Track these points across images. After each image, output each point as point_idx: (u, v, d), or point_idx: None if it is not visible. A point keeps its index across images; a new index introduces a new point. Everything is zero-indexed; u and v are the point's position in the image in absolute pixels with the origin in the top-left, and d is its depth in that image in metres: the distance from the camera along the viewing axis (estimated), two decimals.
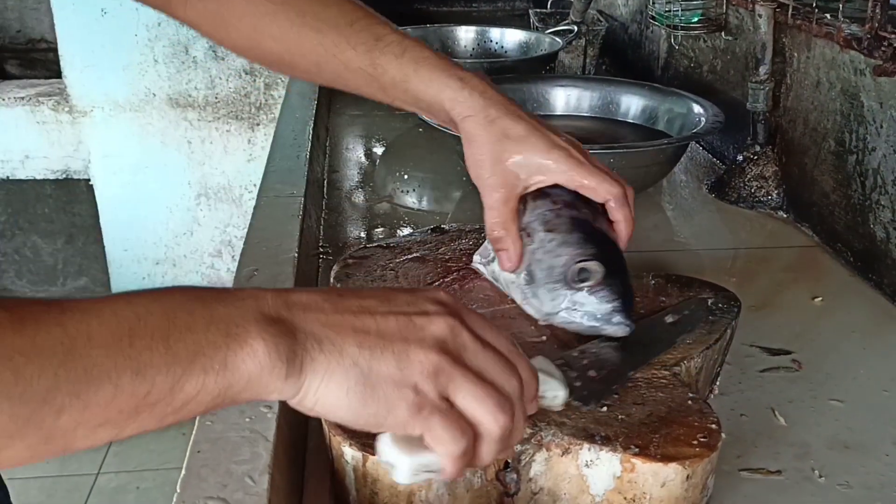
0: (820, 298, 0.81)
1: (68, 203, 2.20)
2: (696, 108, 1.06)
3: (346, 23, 0.64)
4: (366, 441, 0.50)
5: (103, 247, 2.05)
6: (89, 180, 1.96)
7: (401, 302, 0.43)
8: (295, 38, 0.65)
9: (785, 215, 1.00)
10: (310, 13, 0.65)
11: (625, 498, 0.51)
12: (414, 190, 1.15)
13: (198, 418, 0.51)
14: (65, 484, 1.94)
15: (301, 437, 0.60)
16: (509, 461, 0.52)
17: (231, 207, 2.03)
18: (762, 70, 1.00)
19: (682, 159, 1.13)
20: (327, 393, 0.40)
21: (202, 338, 0.37)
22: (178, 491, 0.45)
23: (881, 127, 0.82)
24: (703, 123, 1.01)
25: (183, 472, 0.47)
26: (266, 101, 1.94)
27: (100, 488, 1.96)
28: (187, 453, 0.48)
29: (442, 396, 0.41)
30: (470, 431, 0.41)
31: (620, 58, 1.60)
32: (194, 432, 0.50)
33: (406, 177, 1.18)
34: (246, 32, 0.67)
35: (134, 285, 2.08)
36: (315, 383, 0.40)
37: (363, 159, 1.28)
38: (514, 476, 0.53)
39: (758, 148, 1.02)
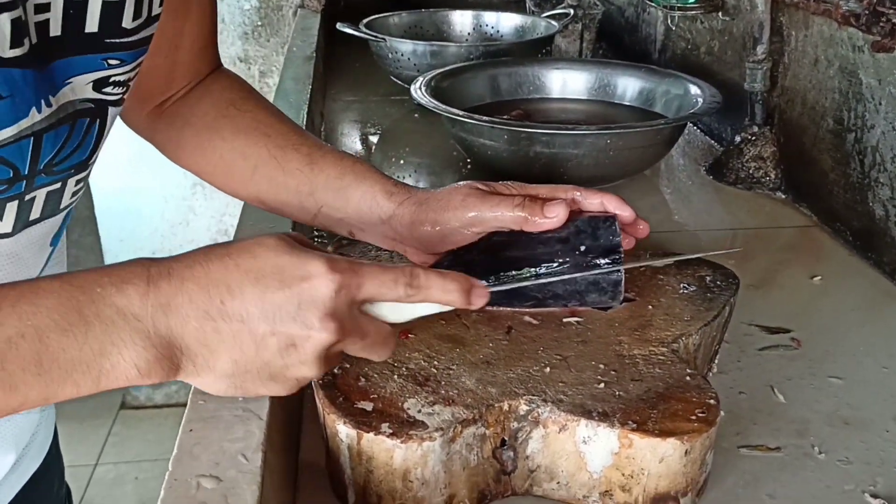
0: (819, 277, 0.81)
1: None
2: (694, 90, 1.05)
3: (296, 132, 0.68)
4: (360, 419, 0.49)
5: (99, 238, 2.04)
6: None
7: (284, 317, 0.43)
8: (242, 140, 0.67)
9: (783, 196, 0.99)
10: (266, 122, 0.68)
11: (623, 474, 0.50)
12: (410, 175, 1.14)
13: (190, 398, 0.51)
14: None
15: (296, 417, 0.60)
16: (506, 438, 0.52)
17: (227, 197, 2.02)
18: (760, 50, 0.99)
19: (680, 142, 1.12)
20: (201, 384, 0.46)
21: (76, 354, 0.40)
22: (170, 469, 0.45)
23: (880, 104, 0.81)
24: (700, 104, 1.00)
25: (175, 450, 0.46)
26: (261, 88, 1.92)
27: (98, 479, 1.96)
28: (179, 432, 0.48)
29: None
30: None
31: (617, 42, 1.59)
32: (186, 412, 0.50)
33: (402, 162, 1.17)
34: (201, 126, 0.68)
35: None
36: (189, 379, 0.45)
37: (359, 145, 1.27)
38: (511, 454, 0.52)
39: (756, 128, 1.02)
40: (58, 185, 0.53)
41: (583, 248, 0.61)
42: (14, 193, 0.49)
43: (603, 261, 0.60)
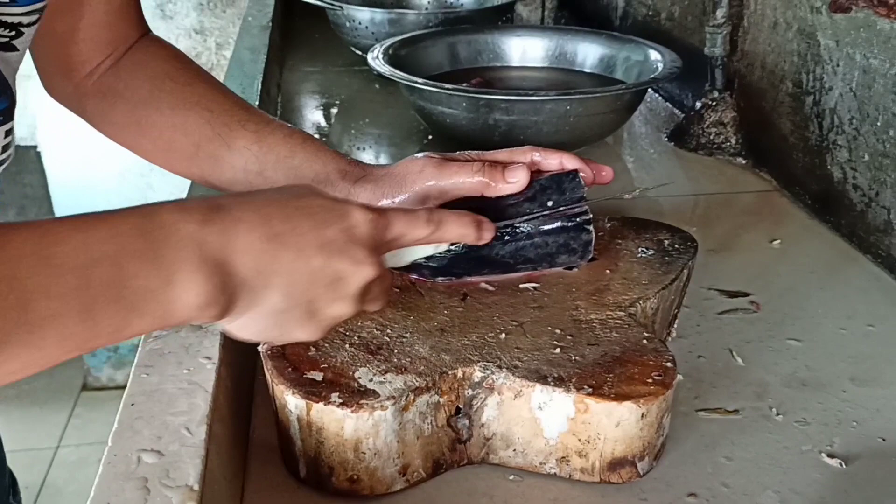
0: (778, 241, 0.81)
1: (18, 173, 2.13)
2: (654, 56, 1.04)
3: (241, 108, 0.65)
4: (310, 389, 0.48)
5: (54, 216, 1.99)
6: (37, 147, 1.90)
7: (335, 249, 0.44)
8: (182, 116, 0.64)
9: (743, 161, 0.99)
10: (208, 97, 0.65)
11: (579, 440, 0.49)
12: (370, 146, 1.12)
13: (132, 371, 0.49)
14: (23, 458, 1.90)
15: (247, 390, 0.58)
16: (460, 406, 0.51)
17: None
18: (719, 14, 0.98)
19: (641, 109, 1.11)
20: (242, 325, 0.43)
21: (147, 282, 0.39)
22: (110, 444, 0.43)
23: (837, 66, 0.81)
24: (660, 70, 0.99)
25: (115, 425, 0.45)
26: (218, 61, 1.88)
27: (60, 461, 1.93)
28: (120, 407, 0.46)
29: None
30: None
31: (579, 10, 1.57)
32: (128, 385, 0.48)
33: (362, 133, 1.15)
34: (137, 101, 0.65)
35: None
36: (236, 317, 0.43)
37: (318, 116, 1.24)
38: (466, 422, 0.51)
39: (716, 94, 1.01)
40: None
41: (550, 203, 0.60)
42: None
43: (575, 210, 0.60)
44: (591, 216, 0.60)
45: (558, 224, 0.60)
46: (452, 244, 0.57)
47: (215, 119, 0.64)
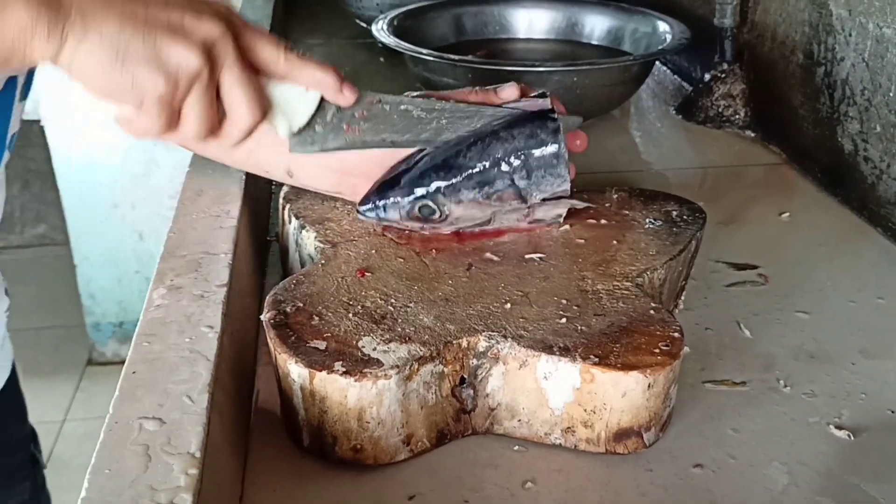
0: (787, 214, 0.80)
1: (22, 148, 2.12)
2: (663, 27, 1.02)
3: None
4: (313, 358, 0.47)
5: (58, 192, 1.99)
6: (40, 121, 1.89)
7: (180, 3, 0.46)
8: None
9: (752, 134, 0.98)
10: None
11: (585, 410, 0.49)
12: None
13: (134, 340, 0.49)
14: None
15: (250, 359, 0.58)
16: (465, 376, 0.50)
17: None
18: None
19: (649, 82, 1.10)
20: (83, 60, 0.44)
21: None
22: (111, 412, 0.43)
23: (850, 35, 0.79)
24: (669, 42, 0.98)
25: (116, 393, 0.44)
26: None
27: (66, 435, 1.94)
28: (121, 375, 0.46)
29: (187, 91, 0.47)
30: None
31: None
32: (129, 353, 0.47)
33: None
34: None
35: (91, 229, 2.02)
36: (72, 48, 0.43)
37: None
38: (471, 392, 0.51)
39: (725, 66, 0.99)
40: None
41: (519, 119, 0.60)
42: None
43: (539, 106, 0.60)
44: (556, 112, 0.60)
45: (523, 118, 0.59)
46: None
47: None
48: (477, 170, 0.58)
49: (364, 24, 1.29)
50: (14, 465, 0.75)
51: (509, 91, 0.61)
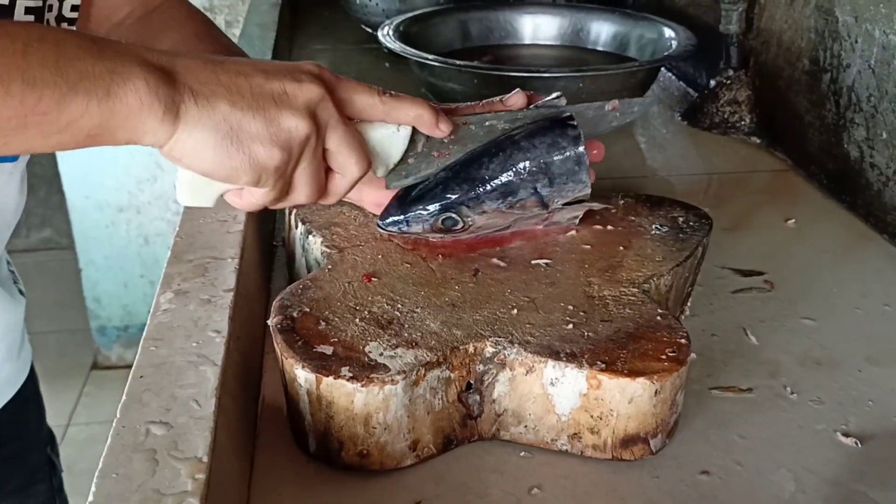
0: (793, 220, 0.80)
1: None
2: (668, 33, 1.02)
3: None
4: (320, 363, 0.47)
5: (65, 196, 1.99)
6: None
7: (277, 71, 0.46)
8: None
9: (758, 140, 0.98)
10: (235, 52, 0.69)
11: (591, 416, 0.49)
12: None
13: (140, 344, 0.49)
14: None
15: (256, 364, 0.58)
16: (471, 382, 0.50)
17: None
18: None
19: (655, 88, 1.10)
20: (195, 144, 0.43)
21: (89, 68, 0.40)
22: (118, 416, 0.43)
23: (856, 42, 0.79)
24: (675, 48, 0.98)
25: (123, 397, 0.44)
26: None
27: (70, 439, 1.94)
28: (128, 380, 0.46)
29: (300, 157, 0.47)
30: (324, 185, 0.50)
31: None
32: (136, 358, 0.48)
33: None
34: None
35: (97, 233, 2.03)
36: (186, 133, 0.43)
37: None
38: (477, 397, 0.51)
39: (731, 72, 1.00)
40: None
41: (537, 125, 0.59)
42: None
43: (558, 116, 0.59)
44: (575, 119, 0.59)
45: (543, 126, 0.59)
46: (437, 158, 0.57)
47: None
48: (500, 181, 0.58)
49: (370, 30, 1.29)
50: (33, 466, 0.76)
51: (516, 98, 0.60)
